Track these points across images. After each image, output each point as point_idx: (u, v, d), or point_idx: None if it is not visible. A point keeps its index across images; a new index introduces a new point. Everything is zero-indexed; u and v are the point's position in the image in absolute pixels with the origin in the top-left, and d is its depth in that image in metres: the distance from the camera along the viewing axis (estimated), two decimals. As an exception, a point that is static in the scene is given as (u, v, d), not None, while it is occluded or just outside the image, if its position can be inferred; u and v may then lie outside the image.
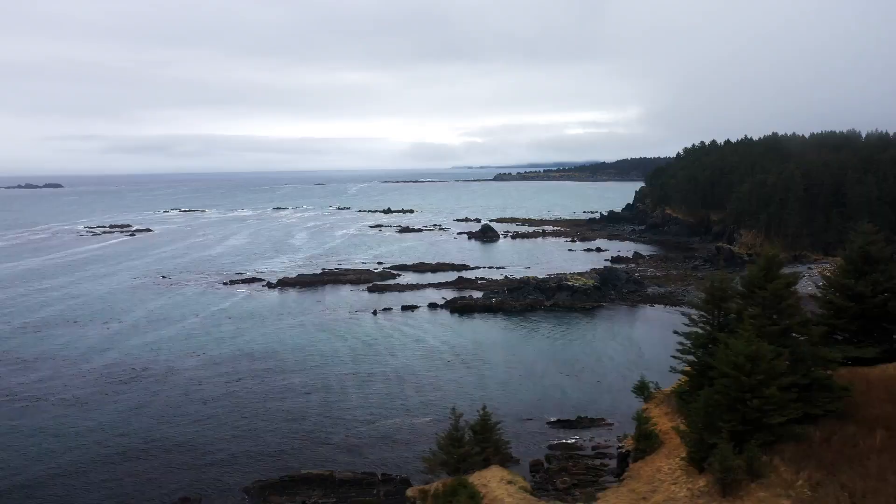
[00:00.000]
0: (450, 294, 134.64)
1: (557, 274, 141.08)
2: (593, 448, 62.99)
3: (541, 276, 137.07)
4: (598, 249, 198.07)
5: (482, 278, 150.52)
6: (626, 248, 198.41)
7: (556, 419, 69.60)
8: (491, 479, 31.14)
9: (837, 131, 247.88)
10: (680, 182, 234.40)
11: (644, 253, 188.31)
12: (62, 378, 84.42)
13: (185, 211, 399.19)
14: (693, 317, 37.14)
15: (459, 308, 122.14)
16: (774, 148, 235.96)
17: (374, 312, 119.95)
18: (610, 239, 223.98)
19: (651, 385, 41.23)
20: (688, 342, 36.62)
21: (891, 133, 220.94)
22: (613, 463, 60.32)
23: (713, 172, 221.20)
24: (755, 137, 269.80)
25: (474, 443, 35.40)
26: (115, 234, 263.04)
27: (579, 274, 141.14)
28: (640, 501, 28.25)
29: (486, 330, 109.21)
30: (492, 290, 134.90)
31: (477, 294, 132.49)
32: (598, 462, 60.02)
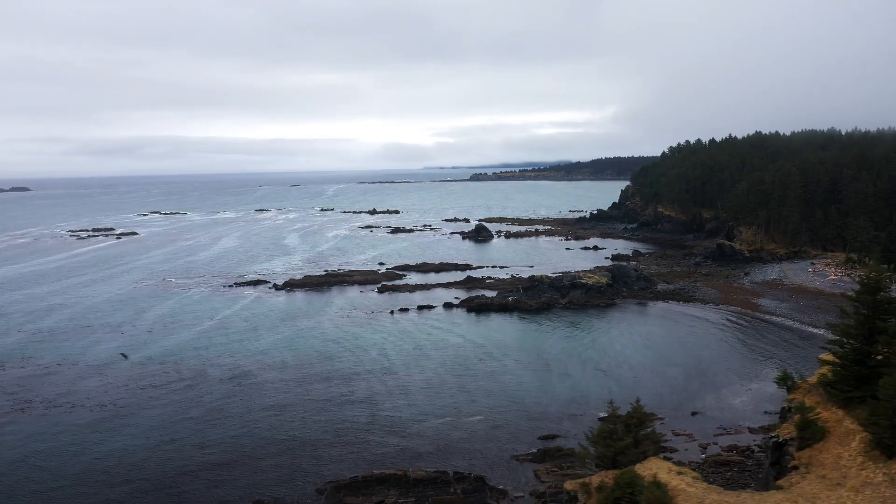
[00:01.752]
0: (461, 294, 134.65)
1: (566, 272, 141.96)
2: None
3: (551, 275, 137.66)
4: (595, 248, 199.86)
5: (489, 278, 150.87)
6: (622, 246, 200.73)
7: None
8: (658, 471, 31.48)
9: (818, 129, 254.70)
10: (671, 180, 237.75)
11: (641, 251, 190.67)
12: (91, 385, 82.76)
13: (166, 214, 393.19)
14: (845, 308, 38.12)
15: (476, 307, 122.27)
16: (760, 146, 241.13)
17: (392, 312, 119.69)
18: (603, 237, 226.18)
19: (795, 376, 42.02)
20: (838, 336, 37.39)
21: (872, 131, 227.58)
22: (676, 457, 61.29)
23: (704, 171, 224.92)
24: (738, 136, 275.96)
25: (627, 436, 35.76)
26: (101, 238, 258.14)
27: (590, 272, 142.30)
28: (836, 487, 28.97)
29: (521, 328, 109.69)
30: (504, 289, 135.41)
31: (490, 293, 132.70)
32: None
